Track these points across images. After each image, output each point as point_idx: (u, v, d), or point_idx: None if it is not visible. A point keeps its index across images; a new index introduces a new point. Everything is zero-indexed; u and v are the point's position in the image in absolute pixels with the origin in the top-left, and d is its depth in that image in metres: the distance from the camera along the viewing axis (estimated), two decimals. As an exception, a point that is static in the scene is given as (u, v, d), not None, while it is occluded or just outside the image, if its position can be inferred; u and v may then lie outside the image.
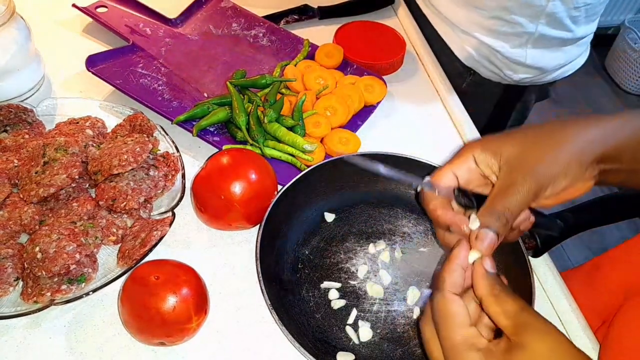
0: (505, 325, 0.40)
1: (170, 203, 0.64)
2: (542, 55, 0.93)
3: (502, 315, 0.41)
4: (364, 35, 0.89)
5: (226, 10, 0.90)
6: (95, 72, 0.75)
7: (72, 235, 0.58)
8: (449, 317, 0.42)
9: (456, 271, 0.45)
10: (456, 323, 0.42)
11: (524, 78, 0.97)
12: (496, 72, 0.96)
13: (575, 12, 0.88)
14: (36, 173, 0.61)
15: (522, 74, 0.96)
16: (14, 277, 0.56)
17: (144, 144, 0.64)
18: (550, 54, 0.94)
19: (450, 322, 0.42)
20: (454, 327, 0.41)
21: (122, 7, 0.87)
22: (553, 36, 0.90)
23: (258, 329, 0.57)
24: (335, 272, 0.62)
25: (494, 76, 0.98)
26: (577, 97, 2.51)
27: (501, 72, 0.96)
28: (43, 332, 0.55)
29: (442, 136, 0.79)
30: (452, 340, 0.41)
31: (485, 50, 0.93)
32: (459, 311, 0.42)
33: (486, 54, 0.94)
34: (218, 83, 0.80)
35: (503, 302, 0.41)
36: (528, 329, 0.39)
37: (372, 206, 0.68)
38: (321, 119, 0.73)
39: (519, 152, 0.47)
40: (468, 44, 0.94)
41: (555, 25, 0.88)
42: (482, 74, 0.98)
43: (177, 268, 0.54)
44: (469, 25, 0.92)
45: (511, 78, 0.96)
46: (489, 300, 0.42)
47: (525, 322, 0.39)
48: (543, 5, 0.85)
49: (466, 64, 0.97)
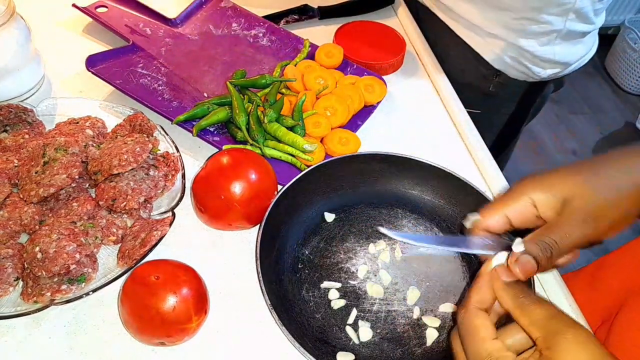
0: (537, 337, 0.39)
1: (170, 203, 0.64)
2: (568, 49, 0.94)
3: (531, 327, 0.39)
4: (364, 35, 0.89)
5: (226, 10, 0.90)
6: (95, 72, 0.75)
7: (72, 235, 0.58)
8: (473, 331, 0.42)
9: (483, 287, 0.44)
10: (480, 337, 0.41)
11: (551, 74, 0.97)
12: (524, 71, 0.96)
13: (599, 4, 0.89)
14: (36, 173, 0.61)
15: (549, 69, 0.96)
16: (14, 277, 0.56)
17: (144, 144, 0.64)
18: (574, 48, 0.94)
19: (474, 336, 0.42)
20: (478, 340, 0.41)
21: (122, 7, 0.87)
22: (579, 30, 0.90)
23: (258, 329, 0.57)
24: (335, 272, 0.62)
25: (522, 75, 0.97)
26: (577, 97, 2.51)
27: (529, 71, 0.95)
28: (43, 332, 0.55)
29: (442, 136, 0.79)
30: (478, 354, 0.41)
31: (514, 51, 0.93)
32: (482, 324, 0.42)
33: (515, 54, 0.93)
34: (218, 83, 0.80)
35: (530, 312, 0.40)
36: (559, 342, 0.37)
37: (372, 206, 0.68)
38: (321, 119, 0.73)
39: (582, 193, 0.45)
40: (496, 47, 0.93)
41: (582, 19, 0.89)
42: (510, 75, 0.97)
43: (177, 268, 0.54)
44: (495, 27, 0.91)
45: (539, 75, 0.96)
46: (516, 312, 0.41)
47: (556, 331, 0.38)
48: (572, 1, 0.85)
49: (495, 66, 0.96)
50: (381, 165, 0.68)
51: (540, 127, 2.36)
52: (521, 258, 0.43)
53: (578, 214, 0.44)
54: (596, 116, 2.44)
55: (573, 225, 0.44)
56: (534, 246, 0.44)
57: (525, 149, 2.24)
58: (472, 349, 0.41)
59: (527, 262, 0.43)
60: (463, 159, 0.76)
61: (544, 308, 0.40)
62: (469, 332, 0.42)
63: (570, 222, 0.44)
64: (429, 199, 0.68)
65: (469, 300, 0.44)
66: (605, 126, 2.40)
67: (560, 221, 0.45)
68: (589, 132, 2.37)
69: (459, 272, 0.63)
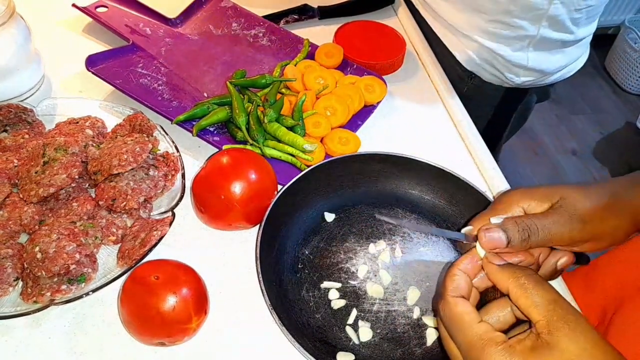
0: (538, 320, 0.38)
1: (170, 203, 0.64)
2: (544, 57, 0.93)
3: (533, 309, 0.39)
4: (364, 35, 0.89)
5: (226, 10, 0.90)
6: (95, 72, 0.75)
7: (72, 235, 0.57)
8: (457, 319, 0.41)
9: (457, 275, 0.44)
10: (465, 323, 0.41)
11: (526, 81, 0.96)
12: (498, 75, 0.96)
13: (577, 14, 0.88)
14: (36, 173, 0.61)
15: (523, 77, 0.95)
16: (13, 277, 0.56)
17: (143, 143, 0.64)
18: (551, 56, 0.94)
19: (459, 324, 0.41)
20: (464, 327, 0.41)
21: (122, 7, 0.87)
22: (554, 38, 0.90)
23: (258, 329, 0.57)
24: (335, 272, 0.62)
25: (496, 79, 0.97)
26: (577, 97, 2.51)
27: (503, 76, 0.95)
28: (43, 332, 0.55)
29: (442, 136, 0.79)
30: (467, 340, 0.40)
31: (487, 54, 0.93)
32: (464, 310, 0.42)
33: (487, 57, 0.93)
34: (218, 83, 0.80)
35: (532, 294, 0.39)
36: (560, 328, 0.37)
37: (372, 206, 0.68)
38: (321, 118, 0.73)
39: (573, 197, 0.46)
40: (469, 48, 0.94)
41: (557, 27, 0.88)
42: (484, 78, 0.98)
43: (177, 268, 0.54)
44: (469, 28, 0.91)
45: (513, 81, 0.96)
46: (517, 292, 0.40)
47: (558, 317, 0.38)
48: (545, 8, 0.84)
49: (467, 67, 0.96)
50: (381, 165, 0.68)
51: (540, 127, 2.36)
52: (492, 228, 0.44)
53: (567, 210, 0.45)
54: (596, 116, 2.44)
55: (559, 218, 0.44)
56: (512, 224, 0.44)
57: (525, 149, 2.24)
58: (461, 337, 0.41)
59: (497, 232, 0.43)
60: (463, 159, 0.76)
61: (546, 291, 0.39)
62: (454, 322, 0.42)
63: (557, 214, 0.44)
64: (429, 199, 0.68)
65: (445, 291, 0.44)
66: (606, 126, 2.40)
67: (548, 212, 0.45)
68: (589, 132, 2.37)
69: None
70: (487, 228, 0.44)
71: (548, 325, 0.38)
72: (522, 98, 1.04)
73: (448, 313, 0.42)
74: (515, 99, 1.03)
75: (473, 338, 0.40)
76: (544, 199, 0.46)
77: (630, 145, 2.31)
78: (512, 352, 0.38)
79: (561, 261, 0.48)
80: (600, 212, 0.46)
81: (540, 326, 0.38)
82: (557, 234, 0.44)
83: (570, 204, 0.45)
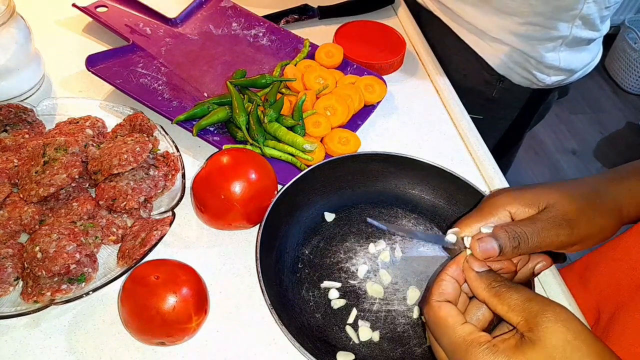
0: (518, 322, 0.39)
1: (170, 203, 0.64)
2: (573, 56, 0.93)
3: (510, 313, 0.39)
4: (364, 35, 0.89)
5: (226, 9, 0.90)
6: (95, 71, 0.75)
7: (72, 234, 0.58)
8: (440, 322, 0.42)
9: (444, 281, 0.45)
10: (449, 325, 0.41)
11: (556, 81, 0.96)
12: (529, 77, 0.95)
13: (606, 12, 0.89)
14: (36, 173, 0.61)
15: (554, 77, 0.95)
16: (14, 277, 0.56)
17: (144, 143, 0.64)
18: (579, 55, 0.94)
19: (443, 327, 0.41)
20: (448, 330, 0.41)
21: (122, 7, 0.87)
22: (584, 37, 0.90)
23: (258, 328, 0.57)
24: (335, 271, 0.62)
25: (526, 82, 0.96)
26: (577, 97, 2.51)
27: (534, 77, 0.95)
28: (43, 332, 0.55)
29: (442, 136, 0.79)
30: (451, 342, 0.40)
31: (519, 56, 0.92)
32: (448, 313, 0.42)
33: (519, 60, 0.92)
34: (218, 83, 0.80)
35: (506, 299, 0.40)
36: (539, 323, 0.37)
37: (372, 206, 0.68)
38: (321, 118, 0.73)
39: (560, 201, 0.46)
40: (500, 51, 0.93)
41: (588, 26, 0.88)
42: (514, 81, 0.96)
43: (177, 268, 0.54)
44: (500, 32, 0.90)
45: (544, 82, 0.95)
46: (492, 301, 0.41)
47: (535, 313, 0.38)
48: (579, 7, 0.84)
49: (499, 71, 0.95)
50: (381, 165, 0.68)
51: (540, 127, 2.35)
52: (485, 238, 0.44)
53: (555, 215, 0.45)
54: (596, 116, 2.44)
55: (548, 224, 0.45)
56: (503, 232, 0.44)
57: (526, 149, 2.24)
58: (445, 340, 0.41)
59: (490, 243, 0.44)
60: (463, 159, 0.76)
61: (520, 292, 0.40)
62: (438, 325, 0.42)
63: (545, 221, 0.45)
64: (429, 199, 0.68)
65: (430, 296, 0.44)
66: (606, 126, 2.40)
67: (536, 218, 0.45)
68: (589, 132, 2.37)
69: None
70: (479, 238, 0.44)
71: (527, 323, 0.38)
72: (547, 98, 1.03)
73: (432, 317, 0.43)
74: (539, 100, 1.03)
75: (457, 340, 0.40)
76: (530, 205, 0.47)
77: (631, 145, 2.31)
78: (495, 351, 0.38)
79: (538, 266, 0.49)
80: (587, 215, 0.46)
81: (521, 327, 0.39)
82: (546, 240, 0.45)
83: (557, 210, 0.46)
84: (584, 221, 0.46)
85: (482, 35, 0.93)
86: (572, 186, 0.48)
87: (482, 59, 0.95)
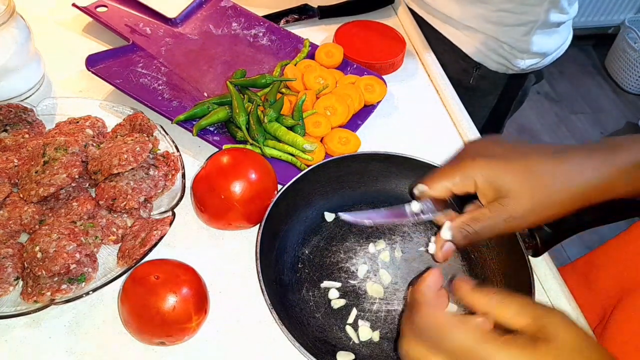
0: (526, 324, 0.38)
1: (170, 203, 0.64)
2: (545, 40, 0.96)
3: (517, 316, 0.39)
4: (364, 35, 0.89)
5: (226, 9, 0.90)
6: (95, 71, 0.75)
7: (72, 234, 0.58)
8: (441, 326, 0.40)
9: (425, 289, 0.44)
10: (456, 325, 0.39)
11: (530, 65, 0.99)
12: (504, 63, 0.98)
13: None
14: (36, 172, 0.61)
15: (528, 60, 0.98)
16: (14, 277, 0.56)
17: (144, 143, 0.64)
18: (550, 38, 0.97)
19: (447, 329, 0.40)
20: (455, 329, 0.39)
21: (122, 7, 0.87)
22: (554, 20, 0.93)
23: (258, 328, 0.57)
24: (335, 271, 0.62)
25: (501, 67, 1.00)
26: (577, 97, 2.51)
27: (509, 63, 0.98)
28: (43, 332, 0.55)
29: (442, 136, 0.79)
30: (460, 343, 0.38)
31: (493, 43, 0.95)
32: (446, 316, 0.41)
33: (494, 46, 0.95)
34: (218, 82, 0.80)
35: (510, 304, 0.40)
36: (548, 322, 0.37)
37: (372, 206, 0.68)
38: (321, 118, 0.73)
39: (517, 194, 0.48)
40: (475, 39, 0.96)
41: (556, 9, 0.91)
42: (490, 67, 0.99)
43: (177, 268, 0.54)
44: (473, 20, 0.93)
45: (518, 67, 0.98)
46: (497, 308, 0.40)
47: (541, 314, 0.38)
48: None
49: (474, 59, 0.98)
50: (381, 165, 0.68)
51: (540, 127, 2.36)
52: (445, 246, 0.52)
53: (505, 213, 0.49)
54: (596, 116, 2.44)
55: (497, 221, 0.49)
56: (459, 235, 0.51)
57: (525, 148, 2.24)
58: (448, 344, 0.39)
59: (449, 249, 0.52)
60: (463, 159, 0.76)
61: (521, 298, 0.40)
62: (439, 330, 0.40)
63: (495, 218, 0.49)
64: (429, 198, 0.68)
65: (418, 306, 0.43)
66: (606, 126, 2.40)
67: (487, 216, 0.50)
68: (589, 132, 2.37)
69: (460, 272, 0.63)
70: (441, 247, 0.52)
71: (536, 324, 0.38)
72: (523, 83, 1.06)
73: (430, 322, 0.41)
74: (517, 85, 1.06)
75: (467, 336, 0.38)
76: (493, 189, 0.50)
77: (630, 145, 2.31)
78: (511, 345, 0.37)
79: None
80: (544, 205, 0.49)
81: (529, 327, 0.38)
82: (494, 233, 0.50)
83: (510, 208, 0.49)
84: (538, 214, 0.49)
85: (456, 24, 0.96)
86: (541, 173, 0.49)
87: (457, 48, 0.98)
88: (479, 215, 0.50)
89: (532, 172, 0.49)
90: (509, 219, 0.49)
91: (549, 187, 0.48)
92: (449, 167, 0.52)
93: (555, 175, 0.49)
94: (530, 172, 0.49)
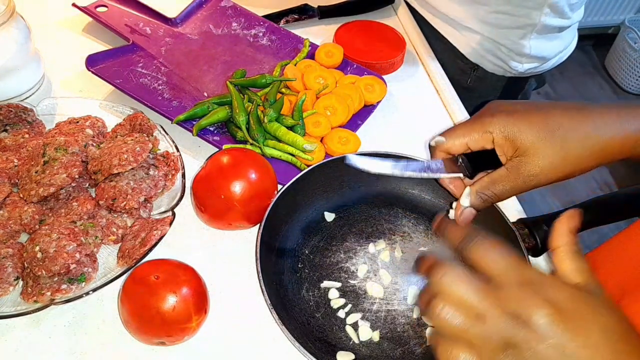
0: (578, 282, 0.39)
1: (170, 202, 0.64)
2: (544, 44, 0.95)
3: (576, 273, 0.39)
4: (364, 35, 0.89)
5: (226, 9, 0.90)
6: (95, 71, 0.75)
7: (72, 234, 0.58)
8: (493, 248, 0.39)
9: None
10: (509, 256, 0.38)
11: (528, 69, 0.98)
12: (501, 65, 0.98)
13: (573, 0, 0.90)
14: (36, 172, 0.61)
15: (526, 64, 0.97)
16: (14, 277, 0.56)
17: (144, 143, 0.64)
18: (550, 43, 0.96)
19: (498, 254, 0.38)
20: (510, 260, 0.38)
21: (122, 7, 0.87)
22: (554, 25, 0.92)
23: (258, 328, 0.57)
24: (335, 271, 0.62)
25: (499, 69, 0.99)
26: (577, 97, 2.50)
27: (506, 65, 0.97)
28: (43, 332, 0.55)
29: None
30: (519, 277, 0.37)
31: (490, 44, 0.94)
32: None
33: (491, 48, 0.95)
34: (218, 82, 0.80)
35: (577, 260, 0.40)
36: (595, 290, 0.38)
37: (372, 206, 0.68)
38: (321, 118, 0.73)
39: (535, 154, 0.48)
40: (472, 40, 0.95)
41: (557, 13, 0.90)
42: (487, 69, 0.99)
43: (177, 268, 0.54)
44: (471, 21, 0.93)
45: (516, 70, 0.98)
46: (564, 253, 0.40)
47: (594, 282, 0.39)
48: None
49: (471, 59, 0.98)
50: (381, 165, 0.68)
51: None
52: (465, 212, 0.52)
53: (523, 173, 0.49)
54: (596, 116, 2.44)
55: (515, 182, 0.50)
56: (478, 200, 0.51)
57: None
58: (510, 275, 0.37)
59: (470, 213, 0.52)
60: (463, 159, 0.76)
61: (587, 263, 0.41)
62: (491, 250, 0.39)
63: (513, 179, 0.49)
64: (429, 198, 0.68)
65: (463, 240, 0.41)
66: (605, 126, 2.39)
67: (505, 176, 0.50)
68: (589, 132, 2.36)
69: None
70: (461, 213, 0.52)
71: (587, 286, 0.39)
72: (523, 86, 1.06)
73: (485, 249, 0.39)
74: (516, 88, 1.05)
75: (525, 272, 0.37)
76: (512, 145, 0.49)
77: (630, 145, 2.31)
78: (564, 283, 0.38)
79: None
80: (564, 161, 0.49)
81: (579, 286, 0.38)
82: (513, 193, 0.51)
83: (528, 168, 0.49)
84: (555, 174, 0.49)
85: (454, 24, 0.96)
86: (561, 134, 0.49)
87: (455, 48, 0.98)
88: (497, 177, 0.50)
89: (552, 127, 0.49)
90: (529, 178, 0.49)
91: (569, 142, 0.48)
92: (469, 122, 0.52)
93: (576, 131, 0.49)
94: (550, 128, 0.49)
